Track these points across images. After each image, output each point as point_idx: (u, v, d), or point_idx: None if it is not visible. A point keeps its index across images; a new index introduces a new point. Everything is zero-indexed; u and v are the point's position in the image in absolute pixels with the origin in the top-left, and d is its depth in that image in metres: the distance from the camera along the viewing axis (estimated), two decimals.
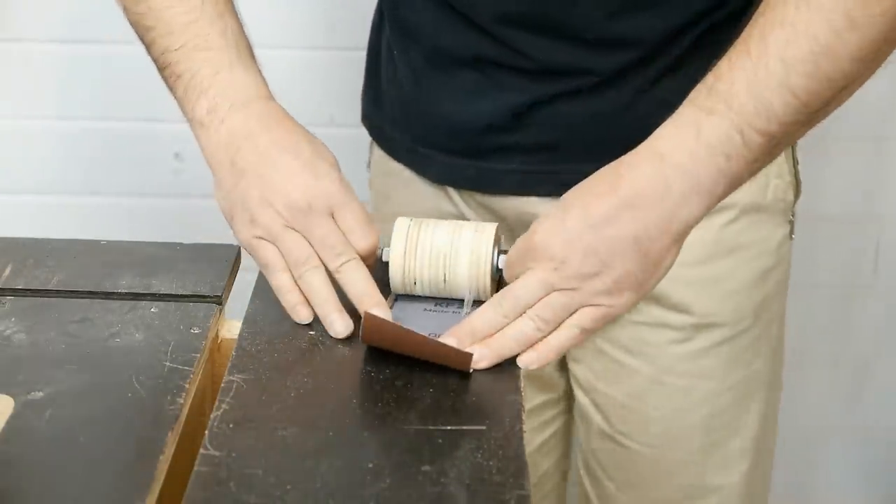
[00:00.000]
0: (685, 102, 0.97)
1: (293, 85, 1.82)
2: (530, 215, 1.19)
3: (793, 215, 1.27)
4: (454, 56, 1.18)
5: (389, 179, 1.32)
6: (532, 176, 1.20)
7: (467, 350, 0.95)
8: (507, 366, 0.96)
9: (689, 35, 1.14)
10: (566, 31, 1.13)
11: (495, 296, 0.99)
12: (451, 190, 1.26)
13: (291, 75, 1.80)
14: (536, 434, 1.38)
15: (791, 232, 1.27)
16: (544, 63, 1.15)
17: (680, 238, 0.97)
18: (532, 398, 1.35)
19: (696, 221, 0.97)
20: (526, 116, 1.17)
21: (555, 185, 1.18)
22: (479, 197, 1.24)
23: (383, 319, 0.96)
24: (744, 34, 0.95)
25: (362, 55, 1.33)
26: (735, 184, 0.97)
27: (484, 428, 0.87)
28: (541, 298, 0.97)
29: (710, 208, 0.97)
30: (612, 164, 0.98)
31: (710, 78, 0.96)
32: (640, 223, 0.95)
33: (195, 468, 0.83)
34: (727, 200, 1.19)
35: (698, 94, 0.96)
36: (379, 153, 1.33)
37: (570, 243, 0.96)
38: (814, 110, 0.94)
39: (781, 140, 0.95)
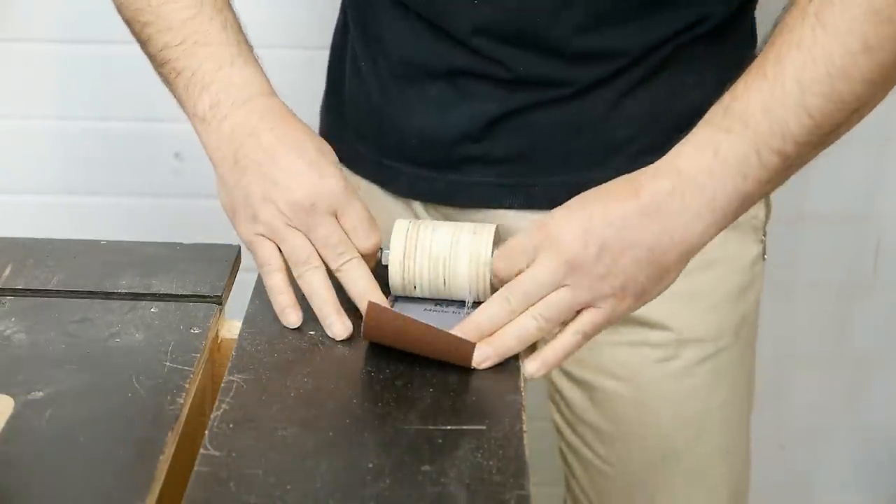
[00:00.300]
0: (701, 123, 0.98)
1: (292, 85, 1.81)
2: (499, 228, 1.19)
3: (764, 235, 1.26)
4: (426, 68, 1.16)
5: None
6: (503, 188, 1.18)
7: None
8: (508, 365, 0.96)
9: (666, 48, 1.14)
10: (545, 44, 1.12)
11: (502, 289, 0.98)
12: (416, 204, 1.23)
13: (290, 75, 1.79)
14: None
15: (763, 253, 1.26)
16: (521, 74, 1.13)
17: (687, 256, 0.97)
18: None
19: (707, 241, 0.98)
20: (498, 127, 1.16)
21: (525, 198, 1.18)
22: (447, 210, 1.21)
23: (386, 308, 0.96)
24: (759, 57, 0.96)
25: None
26: (747, 204, 0.97)
27: (484, 428, 0.87)
28: (548, 293, 0.96)
29: (721, 229, 0.97)
30: (630, 174, 0.98)
31: (726, 98, 0.97)
32: (656, 233, 0.95)
33: (195, 468, 0.83)
34: None
35: (714, 114, 0.97)
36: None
37: (589, 236, 0.95)
38: (826, 132, 0.95)
39: (794, 162, 0.96)
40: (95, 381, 0.92)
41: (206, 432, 0.86)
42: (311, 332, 1.00)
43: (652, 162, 0.99)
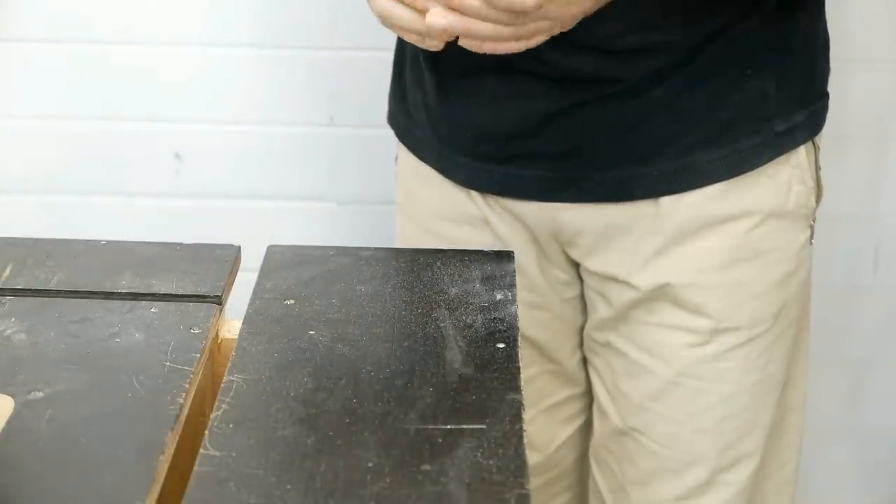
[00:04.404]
0: None
1: (293, 85, 1.82)
2: (553, 221, 1.22)
3: (813, 220, 1.28)
4: (479, 63, 1.17)
5: (416, 178, 1.33)
6: (555, 182, 1.21)
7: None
8: (507, 365, 0.96)
9: (719, 42, 1.15)
10: (593, 43, 1.13)
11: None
12: (474, 193, 1.27)
13: (291, 75, 1.80)
14: (560, 429, 1.38)
15: (811, 236, 1.28)
16: (570, 72, 1.15)
17: None
18: (556, 393, 1.36)
19: None
20: (551, 123, 1.18)
21: (577, 192, 1.21)
22: (503, 201, 1.25)
23: None
24: None
25: (362, 55, 1.33)
26: None
27: (484, 427, 0.87)
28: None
29: None
30: None
31: None
32: None
33: (195, 468, 0.83)
34: (750, 207, 1.19)
35: None
36: (405, 150, 1.33)
37: None
38: None
39: None
40: (95, 381, 0.92)
41: (206, 432, 0.86)
42: (311, 332, 1.00)
43: (707, 155, 1.04)
